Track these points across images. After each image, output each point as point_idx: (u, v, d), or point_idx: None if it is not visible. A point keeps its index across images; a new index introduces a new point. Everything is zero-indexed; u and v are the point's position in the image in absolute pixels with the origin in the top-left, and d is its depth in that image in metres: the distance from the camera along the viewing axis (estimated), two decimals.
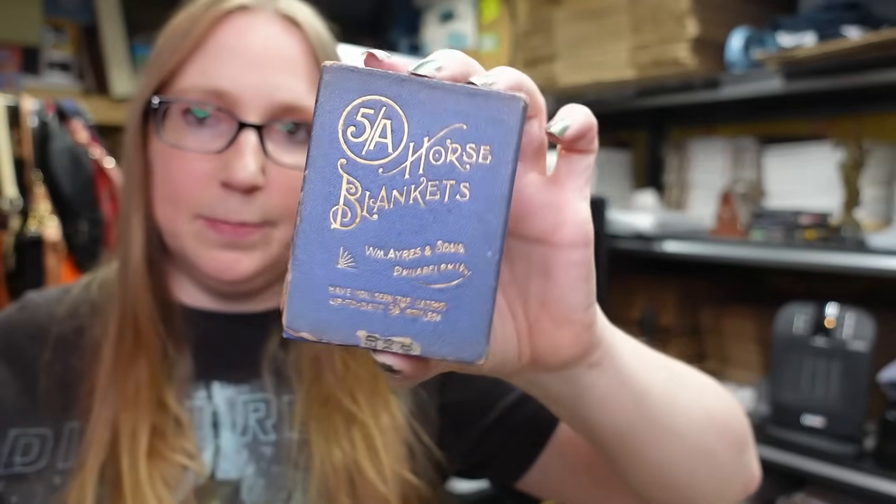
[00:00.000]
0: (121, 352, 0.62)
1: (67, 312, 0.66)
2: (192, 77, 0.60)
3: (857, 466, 1.50)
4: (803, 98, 1.84)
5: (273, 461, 0.62)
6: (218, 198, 0.60)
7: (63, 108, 1.82)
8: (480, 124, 0.30)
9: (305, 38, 0.63)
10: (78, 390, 0.63)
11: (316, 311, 0.30)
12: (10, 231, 1.68)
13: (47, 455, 0.61)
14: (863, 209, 1.63)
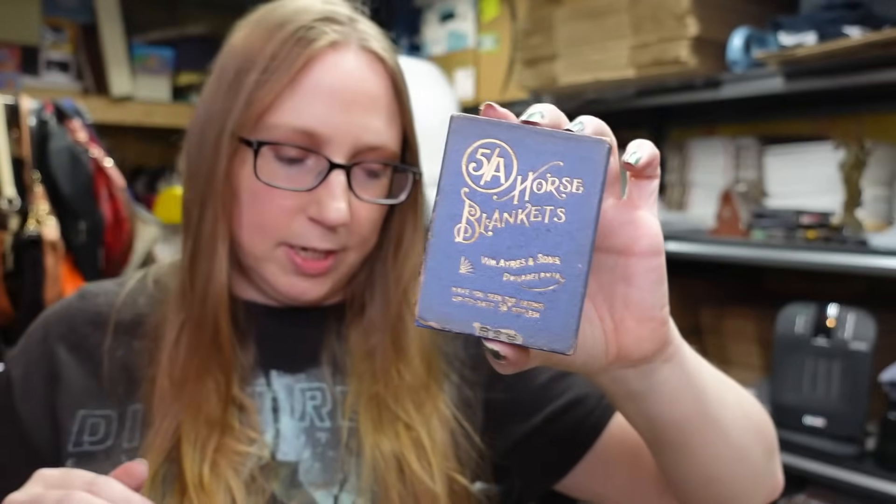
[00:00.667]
0: (196, 345, 0.65)
1: (124, 302, 0.71)
2: (284, 115, 0.63)
3: (859, 467, 1.50)
4: (804, 98, 1.83)
5: (328, 446, 0.66)
6: (304, 230, 0.65)
7: (62, 107, 1.82)
8: (574, 162, 0.38)
9: (386, 72, 0.67)
10: (140, 375, 0.67)
11: (441, 306, 0.38)
12: (9, 231, 1.67)
13: (113, 435, 0.65)
14: (864, 209, 1.63)
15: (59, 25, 2.67)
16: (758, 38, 1.70)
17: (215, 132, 0.65)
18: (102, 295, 0.72)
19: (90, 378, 0.67)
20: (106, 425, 0.66)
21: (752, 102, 1.87)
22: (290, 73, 0.63)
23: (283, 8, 0.68)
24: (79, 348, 0.68)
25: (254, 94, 0.63)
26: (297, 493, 0.64)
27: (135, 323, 0.70)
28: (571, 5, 1.95)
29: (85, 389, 0.67)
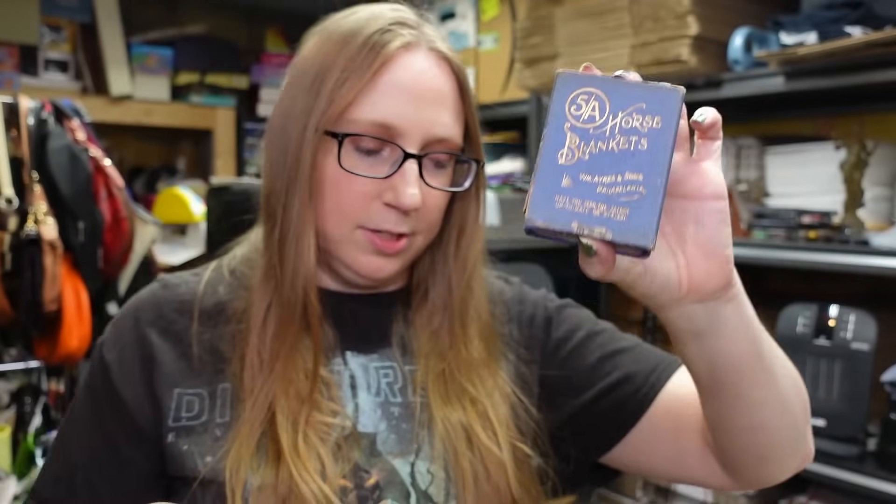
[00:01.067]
0: (286, 326, 0.71)
1: (205, 291, 0.77)
2: (363, 110, 0.70)
3: (860, 468, 1.49)
4: (805, 97, 1.83)
5: (401, 419, 0.74)
6: (380, 214, 0.71)
7: (61, 107, 1.81)
8: (654, 104, 0.49)
9: (452, 71, 0.74)
10: (226, 356, 0.73)
11: (547, 210, 0.48)
12: (8, 231, 1.67)
13: (207, 411, 0.72)
14: (865, 209, 1.63)
15: (57, 25, 2.67)
16: (759, 37, 1.70)
17: (299, 128, 0.71)
18: (183, 284, 0.78)
19: (181, 360, 0.73)
20: (199, 402, 0.72)
21: (752, 102, 1.86)
22: (369, 73, 0.70)
23: (354, 17, 0.74)
24: (168, 333, 0.74)
25: (335, 93, 0.70)
26: (377, 461, 0.71)
27: (217, 309, 0.76)
28: (572, 4, 1.94)
29: (178, 370, 0.73)
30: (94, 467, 0.72)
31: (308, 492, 0.65)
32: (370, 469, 0.70)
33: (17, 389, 1.92)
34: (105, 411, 0.74)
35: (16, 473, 1.63)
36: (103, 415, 0.74)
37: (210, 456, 0.69)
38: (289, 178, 0.71)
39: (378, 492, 0.69)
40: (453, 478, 0.71)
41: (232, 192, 2.01)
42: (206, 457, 0.69)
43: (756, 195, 1.87)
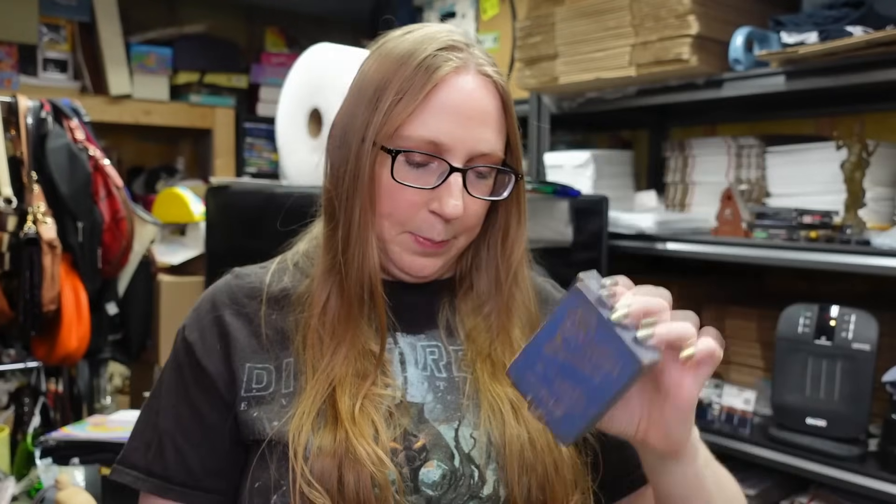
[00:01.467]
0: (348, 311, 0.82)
1: (271, 280, 0.88)
2: (415, 128, 0.79)
3: (861, 468, 1.49)
4: (806, 97, 1.83)
5: (446, 392, 0.83)
6: (426, 221, 0.81)
7: (60, 106, 1.81)
8: (620, 360, 0.59)
9: (498, 91, 0.82)
10: (290, 335, 0.84)
11: (521, 374, 0.65)
12: (7, 231, 1.66)
13: (273, 383, 0.82)
14: (866, 209, 1.62)
15: (56, 24, 2.66)
16: (759, 36, 1.69)
17: (358, 140, 0.81)
18: (252, 274, 0.89)
19: (252, 338, 0.84)
20: (267, 375, 0.82)
21: (753, 101, 1.86)
22: (422, 94, 0.78)
23: (410, 39, 0.82)
24: (241, 315, 0.85)
25: (391, 111, 0.79)
26: (424, 427, 0.80)
27: (282, 295, 0.86)
28: (572, 4, 1.94)
29: (249, 347, 0.83)
30: (181, 432, 0.82)
31: (363, 452, 0.74)
32: (418, 434, 0.79)
33: (15, 389, 1.91)
34: (190, 383, 0.83)
35: (14, 474, 1.63)
36: (189, 386, 0.83)
37: (276, 421, 0.79)
38: (349, 185, 0.81)
39: (425, 453, 0.78)
40: (496, 444, 0.80)
41: (231, 191, 2.01)
42: (273, 422, 0.79)
43: (757, 195, 1.86)
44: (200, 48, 3.03)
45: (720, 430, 1.74)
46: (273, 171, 3.21)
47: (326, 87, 1.74)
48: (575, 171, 2.04)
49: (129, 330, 2.00)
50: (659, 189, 2.15)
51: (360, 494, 0.73)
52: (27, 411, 1.85)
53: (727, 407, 1.76)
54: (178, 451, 0.81)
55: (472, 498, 0.78)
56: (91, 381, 1.93)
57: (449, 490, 0.78)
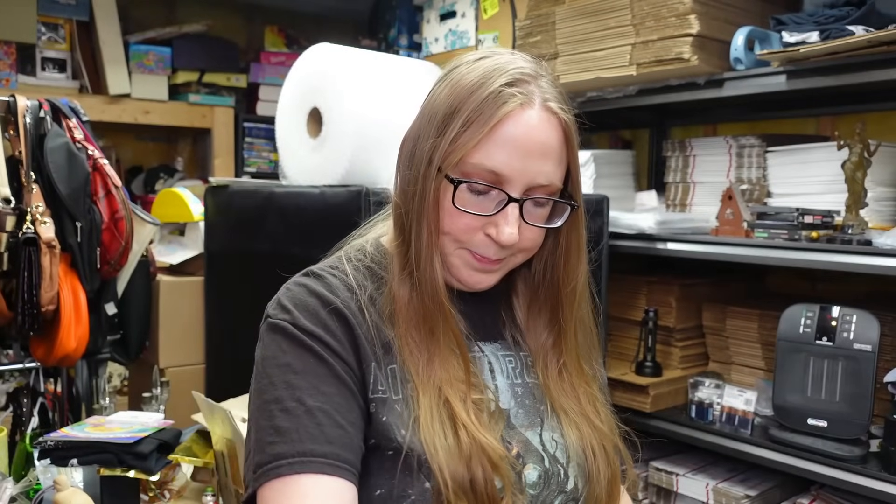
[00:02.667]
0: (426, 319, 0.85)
1: (356, 282, 0.87)
2: (479, 158, 0.82)
3: (863, 469, 1.49)
4: (807, 96, 1.82)
5: (524, 397, 0.90)
6: (482, 244, 0.85)
7: (58, 105, 1.80)
8: None
9: (561, 125, 0.86)
10: (390, 341, 0.85)
11: None
12: (5, 230, 1.65)
13: (389, 389, 0.83)
14: (868, 209, 1.62)
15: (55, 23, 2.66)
16: (761, 36, 1.69)
17: (426, 162, 0.84)
18: (336, 277, 0.88)
19: (364, 338, 0.84)
20: (384, 379, 0.83)
21: (754, 101, 1.86)
22: (488, 127, 0.81)
23: (481, 68, 0.85)
24: (350, 310, 0.84)
25: (458, 139, 0.82)
26: (514, 434, 0.86)
27: (370, 300, 0.87)
28: (572, 3, 1.93)
29: (368, 346, 0.83)
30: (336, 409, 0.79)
31: (488, 446, 0.79)
32: (511, 441, 0.85)
33: (14, 390, 1.91)
34: (328, 369, 0.81)
35: (13, 475, 1.62)
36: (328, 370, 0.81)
37: (403, 430, 0.80)
38: (417, 206, 0.85)
39: (521, 458, 0.84)
40: (573, 444, 0.88)
41: (230, 191, 2.01)
42: (401, 430, 0.80)
43: (758, 195, 1.86)
44: (199, 47, 3.03)
45: (721, 430, 1.73)
46: (272, 170, 3.21)
47: (326, 87, 1.74)
48: None
49: (128, 330, 2.00)
50: (659, 189, 2.14)
51: (489, 493, 0.78)
52: (25, 412, 1.84)
53: (728, 407, 1.76)
54: (339, 427, 0.78)
55: (560, 493, 0.86)
56: (90, 381, 1.92)
57: (544, 489, 0.85)
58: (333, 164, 1.68)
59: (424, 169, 0.85)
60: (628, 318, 2.04)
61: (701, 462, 1.91)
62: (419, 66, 1.95)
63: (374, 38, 3.25)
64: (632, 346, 2.01)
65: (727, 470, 1.86)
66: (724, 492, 1.77)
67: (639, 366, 1.93)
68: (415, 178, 0.86)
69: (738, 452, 1.69)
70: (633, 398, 1.87)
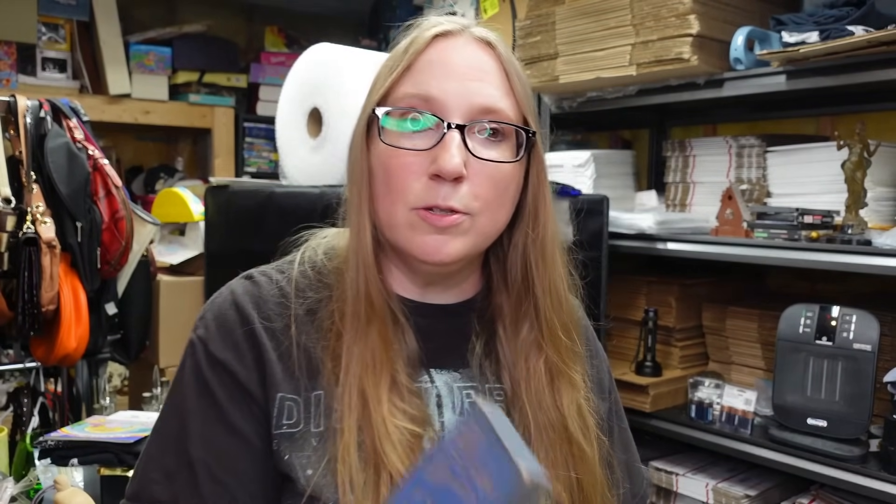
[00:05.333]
0: (356, 325, 0.73)
1: (295, 293, 0.76)
2: (405, 88, 0.73)
3: (862, 469, 1.49)
4: (807, 96, 1.82)
5: None
6: (429, 187, 0.71)
7: (59, 106, 1.80)
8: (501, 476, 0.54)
9: (498, 56, 0.76)
10: (320, 362, 0.73)
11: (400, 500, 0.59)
12: (6, 230, 1.66)
13: (303, 420, 0.72)
14: (867, 209, 1.62)
15: (55, 23, 2.66)
16: (760, 36, 1.69)
17: (359, 126, 0.76)
18: (273, 282, 0.78)
19: (281, 361, 0.73)
20: (297, 409, 0.72)
21: (754, 101, 1.86)
22: (408, 58, 0.74)
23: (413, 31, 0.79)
24: (269, 331, 0.74)
25: (381, 81, 0.75)
26: None
27: (308, 314, 0.75)
28: (572, 3, 1.94)
29: (280, 371, 0.72)
30: (218, 460, 0.70)
31: None
32: None
33: (14, 390, 1.91)
34: (226, 405, 0.72)
35: (13, 474, 1.62)
36: (224, 409, 0.71)
37: (310, 469, 0.70)
38: (350, 177, 0.76)
39: None
40: None
41: (231, 191, 2.01)
42: (307, 470, 0.70)
43: (758, 195, 1.86)
44: (200, 48, 3.03)
45: (721, 430, 1.73)
46: (272, 170, 3.21)
47: (326, 87, 1.74)
48: (575, 171, 2.04)
49: (129, 330, 2.00)
50: (659, 189, 2.14)
51: None
52: (26, 412, 1.84)
53: (728, 407, 1.76)
54: (216, 482, 0.70)
55: None
56: (90, 381, 1.92)
57: None
58: (333, 165, 1.68)
59: (358, 131, 0.76)
60: (628, 317, 2.04)
61: (701, 462, 1.91)
62: None
63: (374, 38, 3.25)
64: (632, 346, 2.01)
65: (727, 470, 1.86)
66: (724, 491, 1.77)
67: (639, 366, 1.93)
68: (352, 149, 0.77)
69: (738, 452, 1.69)
70: (633, 398, 1.88)
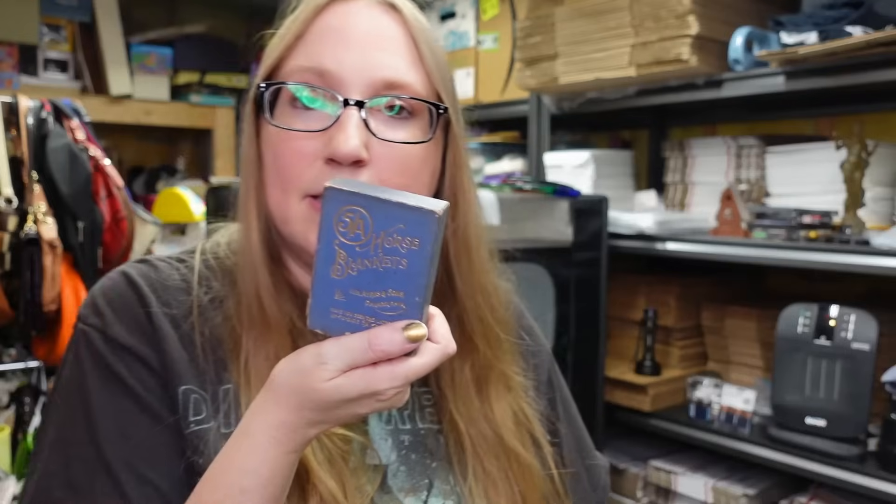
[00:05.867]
0: (252, 333, 0.64)
1: (198, 282, 0.68)
2: (297, 60, 0.63)
3: (861, 468, 1.49)
4: (806, 97, 1.83)
5: (411, 449, 0.68)
6: (324, 173, 0.61)
7: (60, 106, 1.81)
8: (413, 225, 0.50)
9: (404, 21, 0.65)
10: (227, 355, 0.65)
11: (324, 319, 0.53)
12: (7, 231, 1.66)
13: (211, 417, 0.62)
14: (866, 209, 1.62)
15: (57, 24, 2.66)
16: (759, 37, 1.69)
17: (248, 106, 0.66)
18: (174, 270, 0.69)
19: (184, 350, 0.64)
20: (204, 405, 0.63)
21: (753, 102, 1.86)
22: (298, 25, 0.64)
23: None
24: (169, 316, 0.65)
25: (270, 52, 0.65)
26: (388, 500, 0.65)
27: (215, 304, 0.67)
28: (572, 4, 1.94)
29: (182, 361, 0.63)
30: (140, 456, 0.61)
31: None
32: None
33: (16, 389, 1.91)
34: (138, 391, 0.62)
35: (15, 473, 1.63)
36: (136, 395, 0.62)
37: None
38: (241, 162, 0.67)
39: None
40: None
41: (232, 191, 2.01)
42: None
43: (757, 195, 1.87)
44: (201, 48, 3.03)
45: (720, 429, 1.74)
46: None
47: None
48: (575, 171, 2.04)
49: None
50: (659, 189, 2.15)
51: None
52: (28, 411, 1.85)
53: (727, 407, 1.76)
54: (144, 482, 0.60)
55: None
56: None
57: None
58: None
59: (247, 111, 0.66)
60: (628, 317, 2.04)
61: (700, 461, 1.91)
62: None
63: None
64: (631, 346, 2.01)
65: (726, 469, 1.87)
66: (723, 490, 1.77)
67: (638, 365, 1.94)
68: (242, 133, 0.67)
69: (737, 451, 1.70)
70: (632, 397, 1.88)
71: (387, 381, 0.51)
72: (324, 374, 0.50)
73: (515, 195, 1.66)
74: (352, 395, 0.51)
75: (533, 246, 1.69)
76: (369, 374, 0.51)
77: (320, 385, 0.51)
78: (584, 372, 1.76)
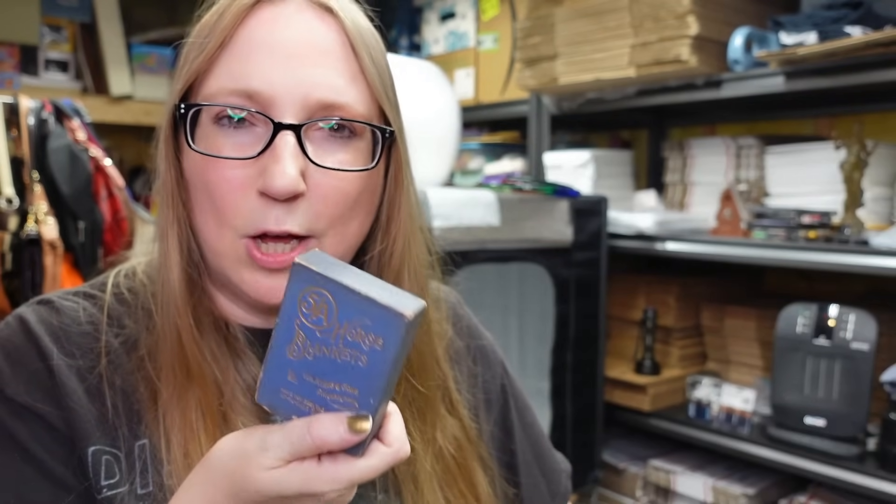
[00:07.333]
0: (170, 381, 0.58)
1: (107, 323, 0.61)
2: (220, 79, 0.56)
3: (860, 468, 1.49)
4: (805, 97, 1.83)
5: None
6: (258, 209, 0.55)
7: (61, 106, 1.81)
8: (380, 324, 0.47)
9: (341, 26, 0.58)
10: (142, 406, 0.58)
11: (273, 398, 0.51)
12: (8, 231, 1.67)
13: (125, 479, 0.57)
14: (865, 209, 1.63)
15: (58, 24, 2.67)
16: (759, 37, 1.70)
17: (163, 120, 0.60)
18: (80, 310, 0.61)
19: (92, 406, 0.57)
20: (117, 465, 0.57)
21: (752, 102, 1.86)
22: (220, 33, 0.56)
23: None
24: (73, 368, 0.58)
25: (189, 63, 0.58)
26: None
27: (127, 345, 0.60)
28: (572, 4, 1.94)
29: (91, 419, 0.57)
30: None
31: None
32: None
33: None
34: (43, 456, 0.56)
35: None
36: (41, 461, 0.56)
37: None
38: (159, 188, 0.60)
39: None
40: None
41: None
42: None
43: (756, 195, 1.87)
44: None
45: (719, 429, 1.74)
46: None
47: None
48: (575, 171, 2.05)
49: None
50: (658, 189, 2.15)
51: None
52: None
53: (726, 406, 1.77)
54: None
55: None
56: None
57: None
58: None
59: (163, 129, 0.60)
60: (627, 317, 2.05)
61: (699, 460, 1.92)
62: (419, 65, 1.95)
63: None
64: (631, 346, 2.02)
65: (725, 468, 1.87)
66: (723, 490, 1.78)
67: (638, 365, 1.94)
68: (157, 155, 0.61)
69: (737, 451, 1.70)
70: (631, 397, 1.88)
71: (328, 482, 0.46)
72: (264, 462, 0.47)
73: (515, 195, 1.66)
74: (289, 492, 0.47)
75: (533, 246, 1.69)
76: (311, 470, 0.46)
77: (258, 474, 0.47)
78: (583, 372, 1.76)
